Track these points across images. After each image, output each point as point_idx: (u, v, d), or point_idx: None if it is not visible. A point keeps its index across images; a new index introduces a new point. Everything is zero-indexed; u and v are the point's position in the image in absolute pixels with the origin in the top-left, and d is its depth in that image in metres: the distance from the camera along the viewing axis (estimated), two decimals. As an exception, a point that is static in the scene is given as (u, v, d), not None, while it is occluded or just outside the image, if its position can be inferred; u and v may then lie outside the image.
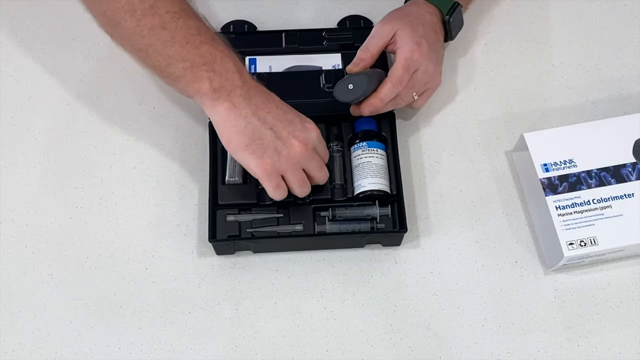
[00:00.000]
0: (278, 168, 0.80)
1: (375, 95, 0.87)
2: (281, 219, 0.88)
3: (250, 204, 0.88)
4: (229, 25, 1.00)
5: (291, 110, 0.82)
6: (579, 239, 0.83)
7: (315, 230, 0.87)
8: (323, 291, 0.87)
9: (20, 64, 1.00)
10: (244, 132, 0.78)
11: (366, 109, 0.88)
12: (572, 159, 0.87)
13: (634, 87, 0.99)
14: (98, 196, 0.91)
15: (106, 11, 0.77)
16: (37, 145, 0.94)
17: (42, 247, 0.88)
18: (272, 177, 0.80)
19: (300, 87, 0.94)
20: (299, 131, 0.81)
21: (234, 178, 0.88)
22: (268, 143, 0.79)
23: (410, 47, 0.87)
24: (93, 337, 0.84)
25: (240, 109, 0.78)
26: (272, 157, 0.79)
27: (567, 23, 1.04)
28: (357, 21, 1.00)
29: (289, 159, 0.80)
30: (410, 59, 0.86)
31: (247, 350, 0.83)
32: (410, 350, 0.84)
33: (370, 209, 0.88)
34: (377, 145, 0.89)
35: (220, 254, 0.88)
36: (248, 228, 0.87)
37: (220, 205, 0.88)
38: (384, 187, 0.88)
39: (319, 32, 0.98)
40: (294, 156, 0.80)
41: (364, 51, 0.88)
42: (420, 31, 0.88)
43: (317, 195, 0.88)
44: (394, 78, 0.86)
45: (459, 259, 0.88)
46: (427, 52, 0.88)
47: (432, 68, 0.90)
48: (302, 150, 0.80)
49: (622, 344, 0.84)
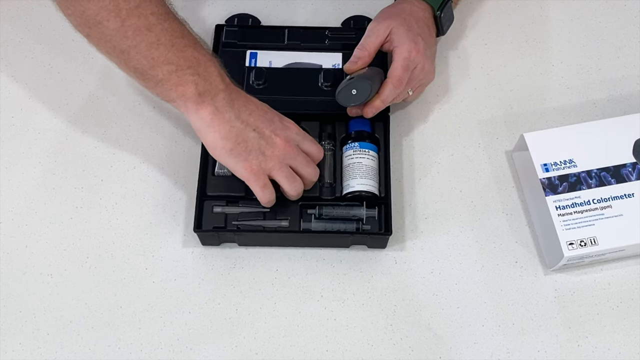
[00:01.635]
0: (264, 167, 0.80)
1: (378, 97, 0.87)
2: (268, 214, 0.88)
3: (238, 196, 0.88)
4: (233, 18, 1.01)
5: (270, 110, 0.83)
6: (579, 239, 0.83)
7: (300, 227, 0.88)
8: (323, 291, 0.87)
9: (20, 64, 1.00)
10: (227, 137, 0.78)
11: (369, 112, 0.88)
12: (572, 159, 0.87)
13: (634, 87, 0.99)
14: (98, 196, 0.91)
15: (86, 10, 0.74)
16: (37, 145, 0.94)
17: (42, 247, 0.88)
18: (259, 177, 0.80)
19: (298, 84, 0.94)
20: (280, 129, 0.81)
21: (223, 170, 0.88)
22: (252, 145, 0.79)
23: (408, 46, 0.87)
24: (93, 337, 0.84)
25: (223, 113, 0.78)
26: (258, 158, 0.80)
27: (567, 23, 1.04)
28: (362, 22, 1.00)
29: (274, 157, 0.80)
30: (408, 58, 0.87)
31: (247, 350, 0.83)
32: (410, 350, 0.84)
33: (357, 209, 0.88)
34: (369, 146, 0.89)
35: (205, 244, 0.88)
36: (234, 220, 0.87)
37: (208, 196, 0.88)
38: (372, 188, 0.87)
39: (322, 31, 0.99)
40: (279, 154, 0.81)
41: (362, 50, 0.88)
42: (415, 29, 0.88)
43: (305, 193, 0.88)
44: (394, 79, 0.87)
45: (459, 259, 0.88)
46: (423, 50, 0.88)
47: (428, 65, 0.90)
48: (285, 147, 0.81)
49: (622, 344, 0.84)
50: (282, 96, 0.92)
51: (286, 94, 0.92)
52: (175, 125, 0.96)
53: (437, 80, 0.97)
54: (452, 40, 1.02)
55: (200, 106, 0.78)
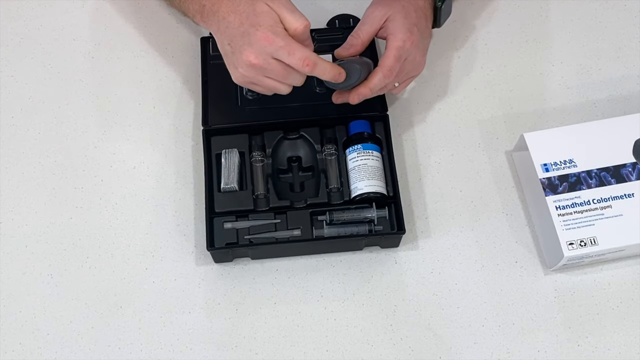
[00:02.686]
0: (245, 79, 0.82)
1: (366, 84, 0.85)
2: (279, 225, 0.88)
3: (247, 210, 0.88)
4: None
5: (249, 19, 0.79)
6: (579, 239, 0.83)
7: (313, 234, 0.87)
8: (323, 291, 0.87)
9: (20, 64, 1.00)
10: (219, 47, 0.83)
11: (355, 98, 0.86)
12: (572, 159, 0.87)
13: (634, 87, 0.99)
14: (98, 196, 0.91)
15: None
16: (37, 145, 0.94)
17: (42, 247, 0.88)
18: (247, 85, 0.83)
19: (292, 91, 0.93)
20: (248, 44, 0.78)
21: (229, 185, 0.88)
22: (229, 59, 0.82)
23: (403, 35, 0.84)
24: (93, 337, 0.84)
25: (208, 24, 0.83)
26: (234, 72, 0.82)
27: (567, 23, 1.04)
28: (347, 20, 1.00)
29: (245, 73, 0.80)
30: (402, 48, 0.84)
31: (247, 350, 0.83)
32: (410, 350, 0.84)
33: (367, 211, 0.88)
34: (372, 147, 0.89)
35: (218, 261, 0.87)
36: (245, 235, 0.87)
37: (217, 213, 0.87)
38: (380, 189, 0.87)
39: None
40: (247, 71, 0.80)
41: (355, 37, 0.86)
42: (412, 18, 0.86)
43: (314, 200, 0.88)
44: (385, 68, 0.84)
45: (459, 259, 0.88)
46: (417, 41, 0.86)
47: (419, 57, 0.88)
48: (253, 63, 0.79)
49: (622, 344, 0.84)
50: (278, 105, 0.92)
51: (281, 102, 0.91)
52: (174, 125, 0.96)
53: (437, 80, 0.98)
54: (453, 39, 1.02)
55: (196, 16, 0.86)
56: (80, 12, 1.03)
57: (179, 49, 1.01)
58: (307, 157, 0.92)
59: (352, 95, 0.86)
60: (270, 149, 0.91)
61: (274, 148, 0.92)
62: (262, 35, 0.77)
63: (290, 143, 0.93)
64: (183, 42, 1.01)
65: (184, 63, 1.00)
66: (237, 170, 0.89)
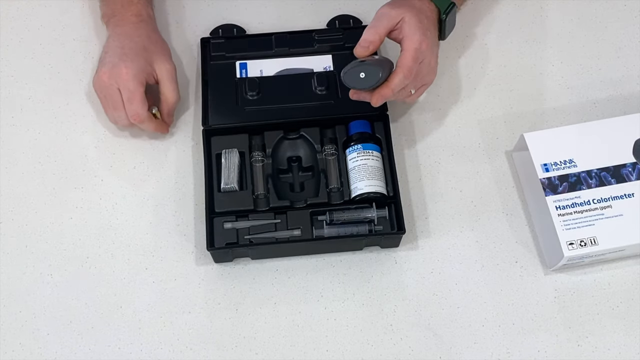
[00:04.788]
0: (96, 87, 0.91)
1: (387, 85, 0.84)
2: (279, 225, 0.88)
3: (247, 210, 0.88)
4: (217, 30, 1.00)
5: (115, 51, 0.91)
6: (579, 239, 0.83)
7: (313, 234, 0.87)
8: (323, 291, 0.87)
9: (20, 64, 1.00)
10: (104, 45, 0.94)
11: (379, 100, 0.85)
12: (572, 159, 0.87)
13: (634, 87, 0.99)
14: (98, 196, 0.91)
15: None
16: (37, 145, 0.94)
17: (42, 247, 0.88)
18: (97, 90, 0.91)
19: (292, 91, 0.93)
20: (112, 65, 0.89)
21: (229, 185, 0.88)
22: (99, 63, 0.92)
23: (419, 37, 0.85)
24: (93, 337, 0.84)
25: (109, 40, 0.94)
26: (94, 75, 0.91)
27: (567, 23, 1.04)
28: (347, 21, 1.00)
29: (97, 83, 0.90)
30: (419, 49, 0.84)
31: (247, 350, 0.83)
32: (410, 350, 0.84)
33: (367, 211, 0.88)
34: (372, 147, 0.89)
35: (218, 261, 0.87)
36: (245, 235, 0.87)
37: (217, 213, 0.87)
38: (380, 189, 0.87)
39: (309, 34, 0.98)
40: (98, 82, 0.90)
41: (373, 34, 0.85)
42: (425, 23, 0.87)
43: (314, 200, 0.88)
44: (405, 68, 0.84)
45: (459, 259, 0.88)
46: (431, 45, 0.87)
47: (433, 62, 0.88)
48: (104, 81, 0.89)
49: (622, 344, 0.84)
50: (278, 105, 0.92)
51: (281, 102, 0.91)
52: (174, 125, 0.96)
53: (437, 80, 0.97)
54: (453, 40, 1.01)
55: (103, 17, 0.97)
56: (81, 12, 1.03)
57: (179, 49, 1.01)
58: (307, 157, 0.92)
59: (375, 97, 0.85)
60: (270, 149, 0.92)
61: (274, 148, 0.92)
62: (125, 71, 0.88)
63: (290, 143, 0.93)
64: (183, 42, 1.01)
65: (184, 63, 1.00)
66: (237, 170, 0.89)
